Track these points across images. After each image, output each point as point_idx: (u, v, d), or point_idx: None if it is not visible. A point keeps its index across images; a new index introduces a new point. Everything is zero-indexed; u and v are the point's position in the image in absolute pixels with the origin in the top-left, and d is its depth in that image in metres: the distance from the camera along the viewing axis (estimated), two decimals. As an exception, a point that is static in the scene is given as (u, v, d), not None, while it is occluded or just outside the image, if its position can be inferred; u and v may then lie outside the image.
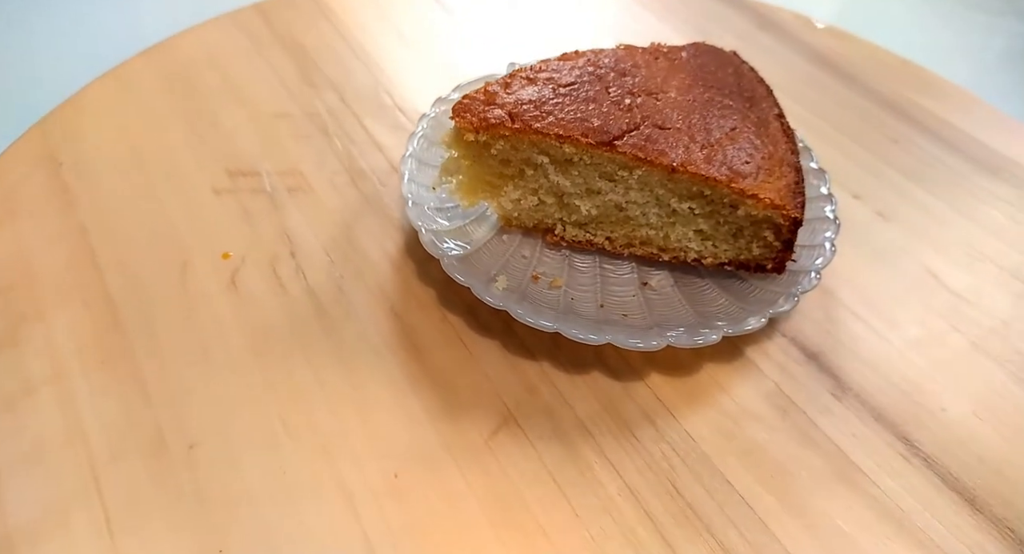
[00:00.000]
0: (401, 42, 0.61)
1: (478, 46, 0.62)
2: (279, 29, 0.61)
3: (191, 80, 0.55)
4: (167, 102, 0.53)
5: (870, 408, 0.39)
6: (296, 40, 0.60)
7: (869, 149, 0.55)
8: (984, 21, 0.74)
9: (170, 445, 0.35)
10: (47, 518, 0.32)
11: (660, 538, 0.34)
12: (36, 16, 0.52)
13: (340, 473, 0.35)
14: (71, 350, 0.38)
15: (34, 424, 0.35)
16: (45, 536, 0.32)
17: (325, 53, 0.59)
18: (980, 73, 0.69)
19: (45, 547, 0.31)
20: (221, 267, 0.43)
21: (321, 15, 0.63)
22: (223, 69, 0.56)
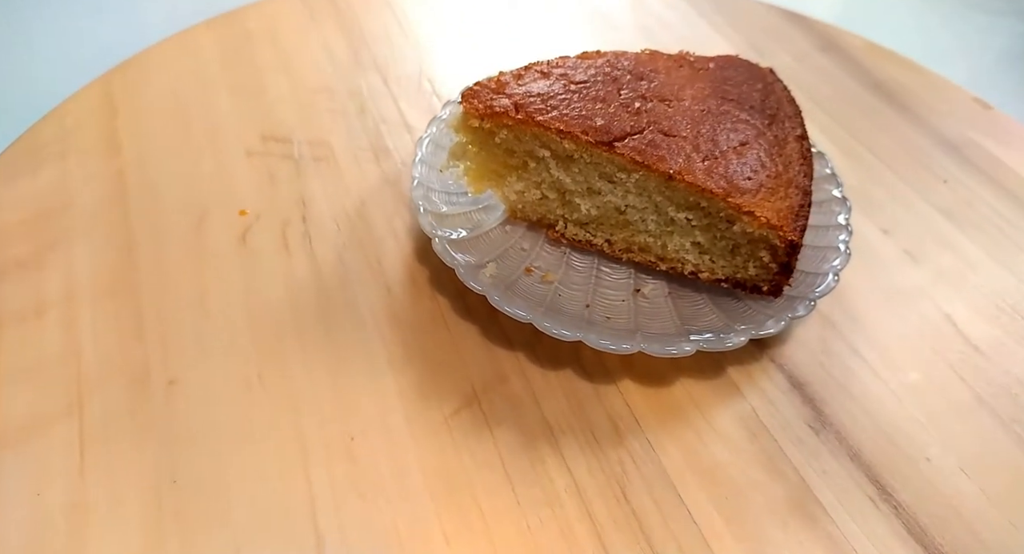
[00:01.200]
0: (455, 33, 0.63)
1: (530, 42, 0.63)
2: (343, 9, 0.64)
3: (247, 50, 0.59)
4: (221, 68, 0.57)
5: (847, 446, 0.38)
6: (356, 21, 0.63)
7: (912, 185, 0.53)
8: (984, 21, 0.73)
9: (152, 378, 0.38)
10: (30, 426, 0.35)
11: (596, 539, 0.34)
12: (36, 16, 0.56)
13: (301, 428, 0.37)
14: (86, 278, 0.42)
15: (37, 341, 0.39)
16: (24, 442, 0.35)
17: (379, 36, 0.62)
18: (980, 73, 0.68)
19: (23, 450, 0.35)
20: (235, 223, 0.46)
21: (385, 1, 0.66)
22: (280, 42, 0.60)
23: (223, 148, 0.51)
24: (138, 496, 0.34)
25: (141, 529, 0.33)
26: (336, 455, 0.36)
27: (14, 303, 0.41)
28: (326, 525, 0.33)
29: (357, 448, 0.36)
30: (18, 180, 0.47)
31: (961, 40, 0.72)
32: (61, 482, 0.34)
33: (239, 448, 0.36)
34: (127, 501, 0.33)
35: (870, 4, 0.78)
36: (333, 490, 0.34)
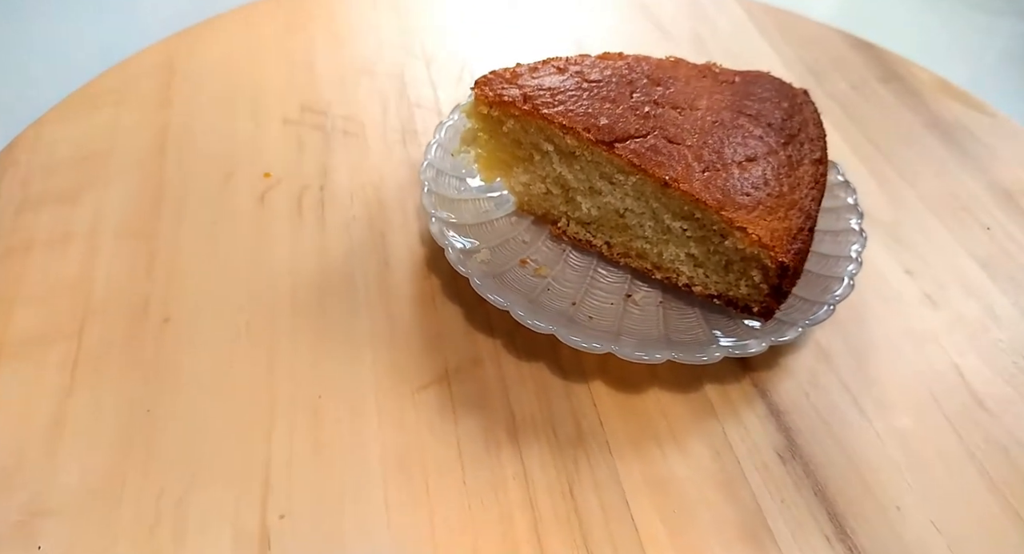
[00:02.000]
0: (505, 27, 0.64)
1: (577, 41, 0.64)
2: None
3: (305, 27, 0.62)
4: (276, 41, 0.60)
5: (814, 480, 0.37)
6: (414, 10, 0.65)
7: (950, 227, 0.51)
8: (984, 21, 0.70)
9: (149, 314, 0.40)
10: (34, 342, 0.39)
11: (533, 529, 0.34)
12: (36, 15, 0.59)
13: (275, 379, 0.38)
14: (113, 216, 0.45)
15: (58, 267, 0.42)
16: (26, 356, 0.38)
17: (432, 26, 0.64)
18: (980, 73, 0.67)
19: (23, 363, 0.38)
20: (258, 184, 0.48)
21: (446, -9, 0.68)
22: (336, 22, 0.62)
23: (262, 114, 0.54)
24: (114, 420, 0.36)
25: (108, 450, 0.35)
26: (301, 410, 0.37)
27: (46, 231, 0.44)
28: (276, 474, 0.35)
29: (323, 407, 0.38)
30: (75, 121, 0.51)
31: (961, 40, 0.71)
32: (49, 397, 0.37)
33: (214, 389, 0.38)
34: (102, 423, 0.36)
35: (870, 4, 0.77)
36: (291, 442, 0.36)
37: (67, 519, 0.33)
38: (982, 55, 0.71)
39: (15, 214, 0.45)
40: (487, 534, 0.34)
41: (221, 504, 0.34)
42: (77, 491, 0.34)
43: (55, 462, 0.34)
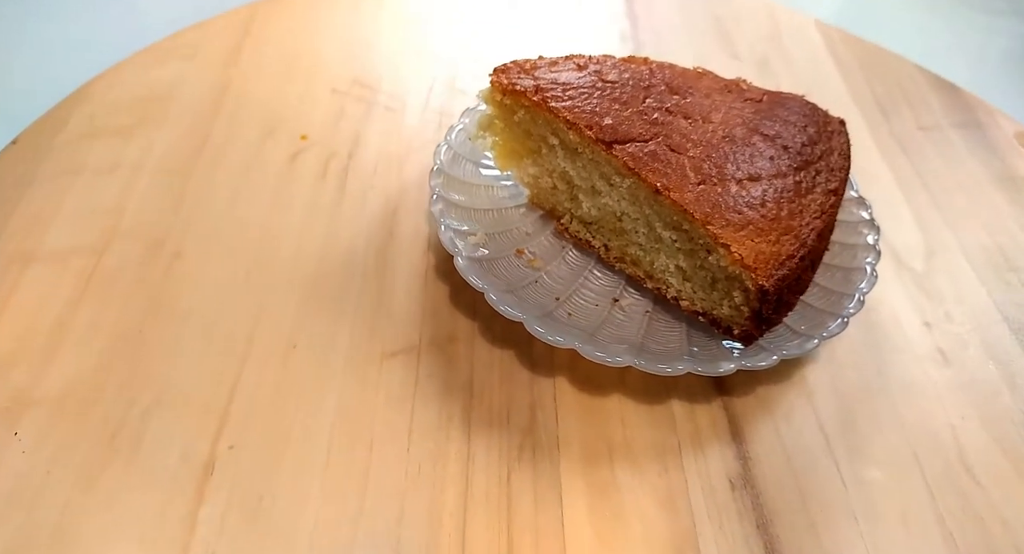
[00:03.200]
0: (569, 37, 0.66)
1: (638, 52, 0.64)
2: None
3: (377, 10, 0.65)
4: (345, 18, 0.63)
5: (760, 513, 0.36)
6: (485, 9, 0.67)
7: (990, 287, 0.48)
8: (984, 21, 0.70)
9: (166, 247, 0.44)
10: (60, 254, 0.43)
11: (461, 507, 0.35)
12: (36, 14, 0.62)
13: (258, 323, 0.41)
14: (158, 154, 0.49)
15: (99, 193, 0.47)
16: (49, 264, 0.43)
17: (498, 23, 0.66)
18: (980, 73, 0.67)
19: (44, 270, 0.42)
20: (293, 144, 0.52)
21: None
22: (408, 10, 0.65)
23: (315, 82, 0.57)
24: (109, 333, 0.40)
25: (97, 358, 0.39)
26: (274, 356, 0.40)
27: (98, 159, 0.49)
28: (236, 408, 0.38)
29: (294, 355, 0.40)
30: (151, 67, 0.56)
31: (961, 40, 0.71)
32: (60, 302, 0.41)
33: (201, 324, 0.41)
34: (99, 334, 0.40)
35: (870, 4, 0.76)
36: (257, 382, 0.39)
37: (45, 412, 0.36)
38: (982, 55, 0.71)
39: (76, 141, 0.50)
40: (415, 501, 0.35)
41: (180, 425, 0.37)
42: (61, 389, 0.37)
43: (49, 359, 0.38)
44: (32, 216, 0.45)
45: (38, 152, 0.49)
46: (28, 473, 0.34)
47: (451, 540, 0.34)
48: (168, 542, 0.33)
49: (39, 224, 0.45)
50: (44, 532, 0.33)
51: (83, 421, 0.36)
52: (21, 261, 0.43)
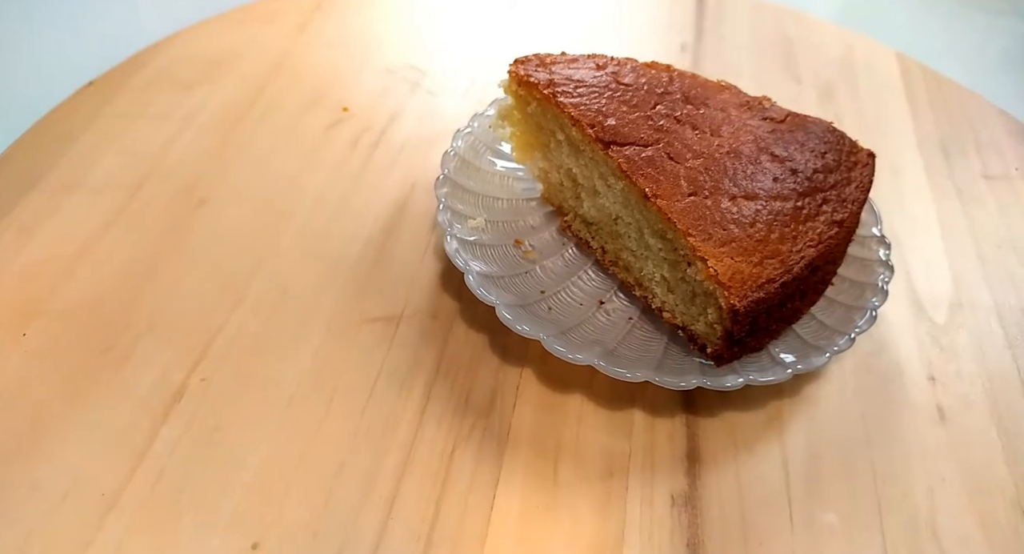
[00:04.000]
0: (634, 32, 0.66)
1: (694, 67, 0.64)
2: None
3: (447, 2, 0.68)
4: (414, 7, 0.66)
5: (693, 534, 0.36)
6: (549, 7, 0.69)
7: (1016, 348, 0.45)
8: (984, 21, 0.70)
9: (195, 191, 0.48)
10: (101, 186, 0.48)
11: (399, 473, 0.37)
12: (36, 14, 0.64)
13: (257, 272, 0.44)
14: (210, 109, 0.54)
15: (152, 136, 0.51)
16: (88, 195, 0.47)
17: (558, 21, 0.67)
18: (980, 73, 0.66)
19: (82, 200, 0.47)
20: (333, 115, 0.55)
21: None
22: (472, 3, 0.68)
23: (370, 59, 0.60)
24: (122, 264, 0.44)
25: (108, 282, 0.43)
26: (263, 305, 0.43)
27: (157, 107, 0.54)
28: (218, 345, 0.40)
29: (283, 306, 0.43)
30: (230, 28, 0.61)
31: (961, 40, 0.70)
32: (88, 230, 0.45)
33: (207, 264, 0.44)
34: (115, 260, 0.44)
35: (869, 3, 0.76)
36: (242, 324, 0.41)
37: (53, 322, 0.41)
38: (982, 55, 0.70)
39: (142, 90, 0.55)
40: (357, 458, 0.37)
41: (164, 353, 0.40)
42: (71, 304, 0.41)
43: (67, 278, 0.43)
44: (87, 150, 0.50)
45: (109, 93, 0.54)
46: (23, 369, 0.38)
47: (380, 501, 0.35)
48: (126, 452, 0.36)
49: (90, 158, 0.49)
50: (22, 421, 0.36)
51: (82, 335, 0.40)
52: (66, 190, 0.47)
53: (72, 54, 0.59)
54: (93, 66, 0.55)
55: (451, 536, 0.35)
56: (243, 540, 0.34)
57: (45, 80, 0.55)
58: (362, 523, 0.35)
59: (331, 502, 0.35)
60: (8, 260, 0.43)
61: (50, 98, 0.52)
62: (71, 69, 0.55)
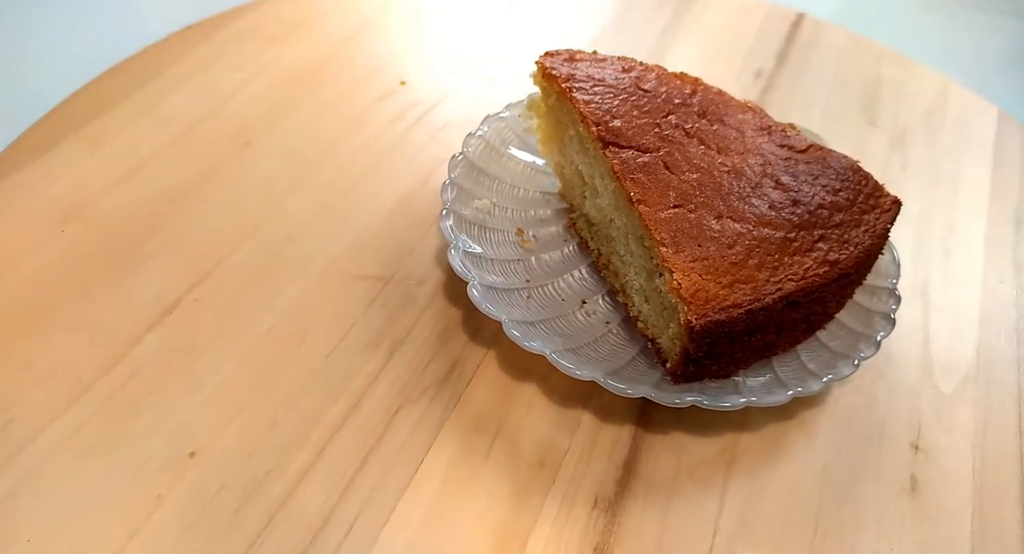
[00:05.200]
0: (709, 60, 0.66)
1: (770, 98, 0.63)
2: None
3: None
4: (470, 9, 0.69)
5: (604, 539, 0.36)
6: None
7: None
8: (984, 21, 0.71)
9: (243, 134, 0.53)
10: (163, 118, 0.53)
11: (340, 422, 0.39)
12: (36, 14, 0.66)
13: (273, 214, 0.48)
14: (281, 67, 0.58)
15: (222, 80, 0.56)
16: (152, 122, 0.53)
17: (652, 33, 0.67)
18: (980, 73, 0.67)
19: (145, 125, 0.52)
20: (389, 87, 0.58)
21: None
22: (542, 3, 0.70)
23: (440, 40, 0.63)
24: (162, 188, 0.49)
25: (144, 203, 0.48)
26: (269, 245, 0.46)
27: (234, 58, 0.59)
28: (219, 273, 0.44)
29: (286, 249, 0.46)
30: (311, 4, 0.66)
31: (961, 40, 0.71)
32: (142, 153, 0.50)
33: (231, 198, 0.48)
34: (154, 186, 0.49)
35: (869, 3, 0.76)
36: (243, 261, 0.45)
37: (89, 225, 0.46)
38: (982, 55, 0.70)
39: (228, 41, 0.60)
40: (307, 399, 0.40)
41: (170, 270, 0.44)
42: (108, 213, 0.47)
43: (113, 190, 0.48)
44: (164, 86, 0.56)
45: (198, 40, 0.60)
46: (51, 259, 0.44)
47: (316, 440, 0.38)
48: (111, 349, 0.40)
49: (165, 93, 0.55)
50: (34, 302, 0.42)
51: (109, 241, 0.45)
52: (136, 116, 0.53)
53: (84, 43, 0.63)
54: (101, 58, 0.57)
55: (369, 488, 0.37)
56: (184, 447, 0.37)
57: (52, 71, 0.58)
58: (294, 456, 0.37)
59: (272, 431, 0.38)
60: (71, 165, 0.49)
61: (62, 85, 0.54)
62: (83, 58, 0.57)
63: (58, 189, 0.48)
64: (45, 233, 0.45)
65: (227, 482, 0.36)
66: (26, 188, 0.48)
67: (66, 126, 0.52)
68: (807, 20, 0.70)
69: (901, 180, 0.56)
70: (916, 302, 0.48)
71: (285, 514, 0.35)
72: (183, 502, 0.35)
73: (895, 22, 0.76)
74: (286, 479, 0.37)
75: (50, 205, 0.47)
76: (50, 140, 0.51)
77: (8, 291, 0.42)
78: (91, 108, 0.53)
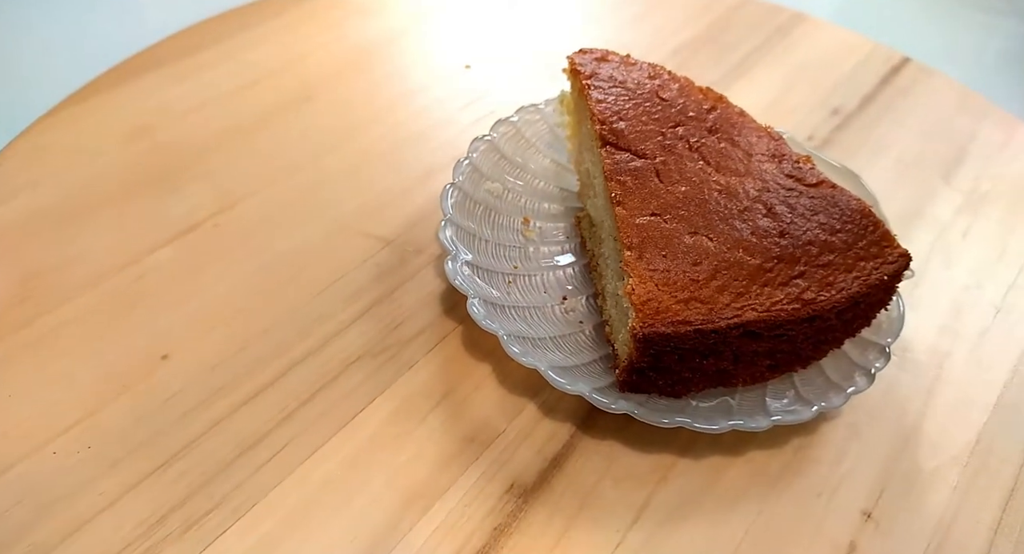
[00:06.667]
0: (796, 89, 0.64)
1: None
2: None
3: None
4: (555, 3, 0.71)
5: (507, 522, 0.37)
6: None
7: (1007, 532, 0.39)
8: (984, 21, 0.77)
9: (303, 92, 0.58)
10: (244, 66, 0.59)
11: (303, 356, 0.42)
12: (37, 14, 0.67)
13: (308, 163, 0.52)
14: (365, 34, 0.63)
15: (300, 41, 0.62)
16: (225, 66, 0.59)
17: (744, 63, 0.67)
18: (980, 73, 0.71)
19: (228, 68, 0.58)
20: (450, 68, 0.62)
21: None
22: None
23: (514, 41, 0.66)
24: (223, 122, 0.54)
25: (202, 134, 0.53)
26: (292, 188, 0.51)
27: (323, 23, 0.64)
28: (242, 207, 0.49)
29: (305, 194, 0.50)
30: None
31: (961, 40, 0.76)
32: (216, 92, 0.57)
33: (277, 145, 0.53)
34: (216, 119, 0.54)
35: (869, 3, 0.80)
36: (266, 198, 0.50)
37: (153, 145, 0.52)
38: (982, 55, 0.77)
39: (321, 8, 0.66)
40: (279, 332, 0.43)
41: (201, 196, 0.49)
42: (170, 140, 0.53)
43: (179, 121, 0.54)
44: (254, 39, 0.62)
45: (294, 4, 0.66)
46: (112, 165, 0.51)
47: (274, 368, 0.42)
48: (130, 251, 0.46)
49: (253, 45, 0.61)
50: (88, 198, 0.48)
51: (163, 161, 0.51)
52: (222, 60, 0.60)
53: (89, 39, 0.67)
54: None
55: (306, 423, 0.40)
56: (160, 349, 0.42)
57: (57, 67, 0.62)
58: (250, 379, 0.41)
59: (240, 352, 0.42)
60: (151, 93, 0.56)
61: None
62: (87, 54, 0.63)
63: (134, 110, 0.55)
64: (112, 144, 0.52)
65: (185, 388, 0.40)
66: (110, 105, 0.55)
67: (159, 60, 0.59)
68: (911, 65, 0.67)
69: (958, 247, 0.53)
70: (928, 372, 0.45)
71: (224, 427, 0.39)
72: (142, 396, 0.40)
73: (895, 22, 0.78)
74: (236, 396, 0.40)
75: (123, 122, 0.54)
76: (143, 68, 0.58)
77: (64, 185, 0.49)
78: (192, 51, 0.60)
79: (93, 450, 0.38)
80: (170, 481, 0.37)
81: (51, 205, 0.48)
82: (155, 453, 0.38)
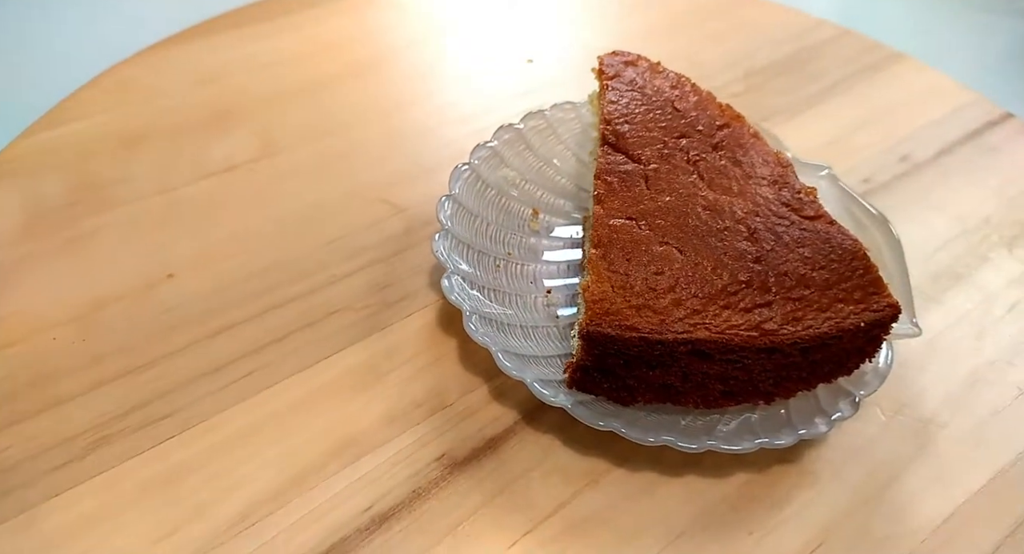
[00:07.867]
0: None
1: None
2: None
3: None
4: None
5: (428, 489, 0.39)
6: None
7: None
8: (984, 21, 0.80)
9: (350, 67, 0.62)
10: (297, 37, 0.64)
11: (287, 299, 0.46)
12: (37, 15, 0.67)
13: (347, 121, 0.56)
14: (415, 24, 0.67)
15: (352, 24, 0.66)
16: (282, 38, 0.63)
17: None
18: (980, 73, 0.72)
19: (276, 41, 0.63)
20: (513, 60, 0.64)
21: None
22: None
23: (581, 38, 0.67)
24: (275, 82, 0.59)
25: (253, 88, 0.58)
26: (330, 148, 0.55)
27: (377, 9, 0.68)
28: (275, 159, 0.54)
29: (339, 155, 0.54)
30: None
31: (961, 40, 0.77)
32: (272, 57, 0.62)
33: (319, 106, 0.58)
34: (270, 79, 0.59)
35: (870, 3, 0.78)
36: (298, 156, 0.54)
37: (213, 90, 0.58)
38: (982, 55, 0.77)
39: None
40: (275, 273, 0.47)
41: (246, 143, 0.55)
42: (229, 86, 0.59)
43: (240, 75, 0.60)
44: (329, 13, 0.67)
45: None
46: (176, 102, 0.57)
47: (258, 306, 0.45)
48: (172, 178, 0.52)
49: (327, 17, 0.67)
50: (146, 123, 0.54)
51: (220, 106, 0.57)
52: (293, 29, 0.65)
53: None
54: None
55: (271, 359, 0.43)
56: (168, 267, 0.47)
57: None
58: (241, 307, 0.45)
59: (239, 283, 0.46)
60: (222, 50, 0.62)
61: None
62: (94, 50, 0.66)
63: (208, 62, 0.61)
64: (180, 87, 0.59)
65: (179, 306, 0.45)
66: (188, 54, 0.62)
67: (238, 22, 0.65)
68: (1012, 123, 0.63)
69: (999, 319, 0.49)
70: (916, 439, 0.43)
71: (201, 347, 0.43)
72: (141, 306, 0.45)
73: (895, 22, 0.74)
74: (219, 322, 0.44)
75: (195, 71, 0.60)
76: (223, 28, 0.65)
77: (131, 115, 0.56)
78: (261, 14, 0.66)
79: (87, 343, 0.43)
80: (140, 383, 0.41)
81: (116, 130, 0.54)
82: (135, 357, 0.42)
